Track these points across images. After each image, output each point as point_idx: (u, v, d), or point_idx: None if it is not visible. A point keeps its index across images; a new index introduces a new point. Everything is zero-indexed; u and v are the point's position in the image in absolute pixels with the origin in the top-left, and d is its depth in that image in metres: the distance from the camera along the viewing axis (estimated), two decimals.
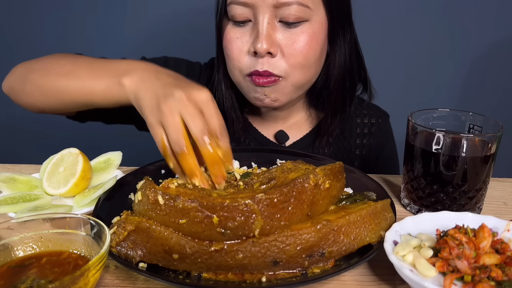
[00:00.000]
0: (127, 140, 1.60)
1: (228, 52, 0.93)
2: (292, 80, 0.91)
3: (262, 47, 0.86)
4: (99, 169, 0.86)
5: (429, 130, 0.72)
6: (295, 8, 0.86)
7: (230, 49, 0.92)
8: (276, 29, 0.88)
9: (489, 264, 0.53)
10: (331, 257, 0.57)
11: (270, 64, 0.89)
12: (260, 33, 0.87)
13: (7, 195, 0.75)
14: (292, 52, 0.89)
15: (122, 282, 0.58)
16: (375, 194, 0.72)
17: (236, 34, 0.91)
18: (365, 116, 1.12)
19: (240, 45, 0.91)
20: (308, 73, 0.94)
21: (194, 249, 0.54)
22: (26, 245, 0.56)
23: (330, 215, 0.60)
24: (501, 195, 0.88)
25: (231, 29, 0.92)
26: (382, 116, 1.15)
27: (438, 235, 0.58)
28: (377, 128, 1.13)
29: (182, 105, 0.65)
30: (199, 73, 1.13)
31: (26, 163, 0.95)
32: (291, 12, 0.86)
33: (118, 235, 0.57)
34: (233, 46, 0.92)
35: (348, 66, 1.00)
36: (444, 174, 0.72)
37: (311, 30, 0.90)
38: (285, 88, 0.92)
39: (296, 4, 0.86)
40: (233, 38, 0.92)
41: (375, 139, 1.12)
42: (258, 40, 0.86)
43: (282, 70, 0.89)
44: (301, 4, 0.86)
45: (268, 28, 0.87)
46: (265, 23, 0.87)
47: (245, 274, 0.56)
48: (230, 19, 0.92)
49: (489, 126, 0.76)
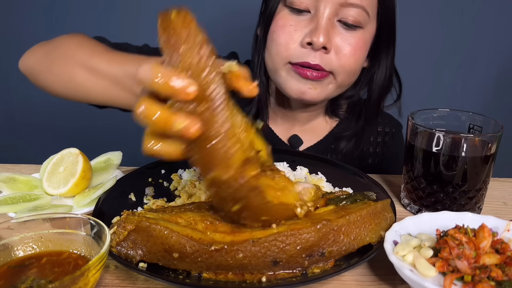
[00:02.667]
0: (127, 140, 1.60)
1: (276, 37, 0.92)
2: (338, 79, 0.92)
3: (319, 40, 0.86)
4: (99, 169, 0.86)
5: (429, 130, 0.72)
6: (357, 11, 0.87)
7: (279, 35, 0.91)
8: (334, 27, 0.89)
9: (489, 264, 0.53)
10: (331, 257, 0.57)
11: (323, 58, 0.89)
12: (319, 25, 0.86)
13: (7, 195, 0.75)
14: (345, 53, 0.89)
15: (122, 282, 0.58)
16: (375, 194, 0.72)
17: (290, 22, 0.90)
18: (379, 124, 1.12)
19: (292, 33, 0.90)
20: (352, 78, 0.96)
21: (194, 248, 0.54)
22: (26, 245, 0.56)
23: (330, 215, 0.60)
24: (501, 195, 0.88)
25: (286, 15, 0.91)
26: (395, 126, 1.15)
27: (438, 235, 0.58)
28: (390, 138, 1.13)
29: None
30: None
31: (26, 163, 0.95)
32: (352, 14, 0.87)
33: (118, 235, 0.57)
34: (284, 31, 0.90)
35: (386, 82, 1.02)
36: (444, 174, 0.72)
37: (364, 38, 0.91)
38: (330, 85, 0.93)
39: (360, 8, 0.87)
40: (286, 25, 0.91)
41: (388, 148, 1.12)
42: (317, 32, 0.86)
43: (333, 67, 0.90)
44: (364, 10, 0.88)
45: (328, 23, 0.87)
46: (326, 18, 0.87)
47: (245, 274, 0.55)
48: (288, 5, 0.91)
49: (489, 126, 0.76)
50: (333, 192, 0.72)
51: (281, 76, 0.94)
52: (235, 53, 1.15)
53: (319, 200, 0.66)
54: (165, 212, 0.62)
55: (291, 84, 0.93)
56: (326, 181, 0.82)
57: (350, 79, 0.95)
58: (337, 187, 0.80)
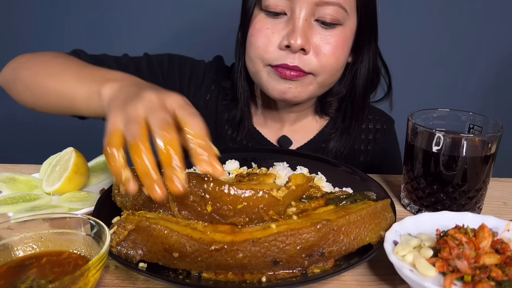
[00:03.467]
0: None
1: (254, 41, 0.91)
2: (319, 79, 0.92)
3: (297, 42, 0.85)
4: (99, 169, 0.86)
5: (429, 130, 0.72)
6: (334, 9, 0.86)
7: (257, 38, 0.90)
8: (312, 27, 0.88)
9: (489, 264, 0.53)
10: (331, 257, 0.57)
11: (301, 60, 0.88)
12: (296, 27, 0.86)
13: (7, 195, 0.75)
14: (325, 52, 0.89)
15: (122, 282, 0.58)
16: (375, 194, 0.72)
17: (267, 25, 0.90)
18: (370, 121, 1.11)
19: (269, 36, 0.89)
20: (335, 76, 0.95)
21: (194, 247, 0.54)
22: (26, 245, 0.56)
23: (330, 215, 0.60)
24: (501, 195, 0.88)
25: (262, 19, 0.91)
26: (387, 122, 1.14)
27: (438, 235, 0.58)
28: (382, 134, 1.12)
29: (149, 103, 0.56)
30: (203, 71, 1.12)
31: (26, 163, 0.95)
32: (329, 12, 0.86)
33: (118, 235, 0.57)
34: (261, 35, 0.90)
35: (370, 77, 1.01)
36: (444, 174, 0.72)
37: (344, 35, 0.90)
38: (310, 85, 0.93)
39: (336, 6, 0.86)
40: (263, 28, 0.90)
41: (379, 145, 1.12)
42: (294, 34, 0.85)
43: (312, 68, 0.89)
44: (341, 7, 0.87)
45: (305, 24, 0.86)
46: (303, 19, 0.86)
47: (245, 274, 0.56)
48: (263, 9, 0.90)
49: (489, 126, 0.76)
50: (333, 192, 0.72)
51: (262, 78, 0.94)
52: (220, 57, 1.15)
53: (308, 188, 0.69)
54: (165, 212, 0.62)
55: (272, 85, 0.93)
56: (326, 181, 0.82)
57: (332, 78, 0.95)
58: (337, 187, 0.80)
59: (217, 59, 1.15)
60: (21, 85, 0.87)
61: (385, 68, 1.06)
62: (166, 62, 1.08)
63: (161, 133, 0.52)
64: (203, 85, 1.10)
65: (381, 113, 1.15)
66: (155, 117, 0.54)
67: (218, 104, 1.10)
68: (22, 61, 0.90)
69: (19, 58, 0.92)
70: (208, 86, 1.10)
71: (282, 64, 0.88)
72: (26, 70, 0.87)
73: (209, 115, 1.09)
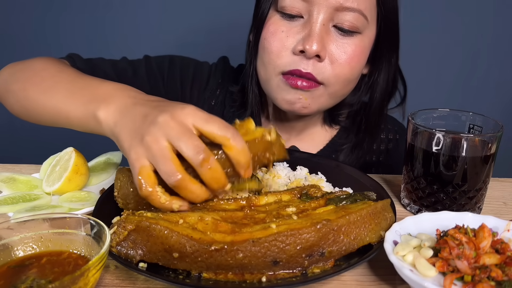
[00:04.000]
0: None
1: (268, 45, 0.86)
2: (331, 89, 0.87)
3: (312, 48, 0.80)
4: (99, 169, 0.86)
5: (429, 130, 0.72)
6: (354, 16, 0.82)
7: (270, 42, 0.86)
8: (329, 33, 0.83)
9: (489, 264, 0.53)
10: (331, 257, 0.57)
11: (315, 67, 0.84)
12: (313, 32, 0.81)
13: (7, 195, 0.75)
14: (340, 61, 0.84)
15: (122, 282, 0.58)
16: (375, 194, 0.72)
17: (282, 28, 0.85)
18: (382, 131, 1.07)
19: (284, 40, 0.84)
20: (348, 87, 0.91)
21: (194, 247, 0.54)
22: (26, 245, 0.56)
23: (330, 215, 0.60)
24: (501, 195, 0.88)
25: (277, 21, 0.86)
26: (399, 131, 1.09)
27: (438, 235, 0.58)
28: (394, 146, 1.07)
29: (167, 128, 0.56)
30: (208, 73, 1.07)
31: (26, 163, 0.95)
32: (349, 18, 0.82)
33: (118, 235, 0.57)
34: (275, 39, 0.85)
35: (389, 90, 0.97)
36: (444, 174, 0.72)
37: (362, 44, 0.86)
38: (321, 97, 0.88)
39: (357, 12, 0.82)
40: (277, 31, 0.85)
41: (391, 157, 1.07)
42: (310, 39, 0.81)
43: (325, 77, 0.85)
44: (362, 14, 0.82)
45: (322, 29, 0.82)
46: (320, 23, 0.81)
47: (245, 274, 0.56)
48: (279, 10, 0.85)
49: (489, 126, 0.76)
50: (333, 192, 0.72)
51: (272, 86, 0.89)
52: (225, 58, 1.11)
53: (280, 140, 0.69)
54: (165, 212, 0.62)
55: (282, 95, 0.88)
56: (326, 181, 0.82)
57: (345, 89, 0.90)
58: (337, 187, 0.80)
59: (222, 60, 1.10)
60: (13, 99, 0.83)
61: (401, 78, 1.01)
62: (167, 64, 1.04)
63: (202, 171, 0.56)
64: (207, 89, 1.06)
65: (393, 121, 1.11)
66: (186, 146, 0.55)
67: (225, 110, 1.05)
68: (13, 71, 0.86)
69: (11, 68, 0.87)
70: (213, 91, 1.06)
71: (295, 70, 0.84)
72: (17, 83, 0.82)
73: None
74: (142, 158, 0.56)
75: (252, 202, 0.68)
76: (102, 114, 0.64)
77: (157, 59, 1.04)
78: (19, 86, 0.81)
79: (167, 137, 0.55)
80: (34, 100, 0.78)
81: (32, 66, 0.84)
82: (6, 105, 0.87)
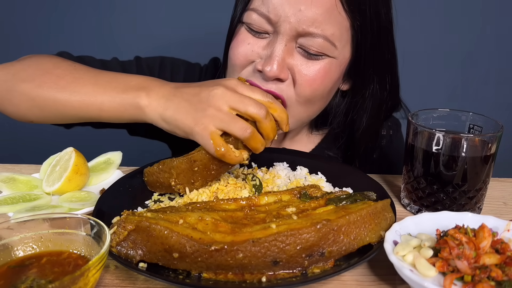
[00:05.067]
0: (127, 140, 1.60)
1: (232, 55, 0.86)
2: (292, 113, 0.84)
3: (271, 71, 0.79)
4: (99, 169, 0.86)
5: (429, 130, 0.72)
6: (318, 42, 0.79)
7: (235, 53, 0.85)
8: (292, 54, 0.81)
9: (489, 264, 0.53)
10: (331, 257, 0.57)
11: (277, 88, 0.82)
12: (274, 55, 0.79)
13: (7, 195, 0.75)
14: (301, 82, 0.82)
15: (122, 282, 0.58)
16: (375, 194, 0.72)
17: (249, 39, 0.84)
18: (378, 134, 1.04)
19: (248, 53, 0.83)
20: (310, 109, 0.88)
21: (194, 248, 0.54)
22: (26, 245, 0.56)
23: (330, 215, 0.60)
24: (501, 195, 0.88)
25: (244, 32, 0.85)
26: (393, 126, 1.07)
27: (438, 235, 0.58)
28: (388, 141, 1.06)
29: (226, 97, 0.67)
30: (199, 75, 1.07)
31: (26, 163, 0.95)
32: (313, 44, 0.79)
33: (118, 235, 0.57)
34: (239, 51, 0.84)
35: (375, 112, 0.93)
36: (444, 174, 0.72)
37: (328, 66, 0.82)
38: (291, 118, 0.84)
39: (321, 38, 0.79)
40: (243, 42, 0.84)
41: (386, 152, 1.06)
42: (270, 61, 0.79)
43: (288, 97, 0.83)
44: (327, 40, 0.79)
45: (285, 51, 0.80)
46: (282, 46, 0.80)
47: (245, 274, 0.56)
48: (246, 24, 0.84)
49: (489, 126, 0.76)
50: (333, 192, 0.72)
51: None
52: (217, 59, 1.10)
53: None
54: (165, 212, 0.62)
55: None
56: (326, 181, 0.82)
57: (309, 111, 0.88)
58: (337, 187, 0.80)
59: (213, 62, 1.09)
60: (19, 99, 0.81)
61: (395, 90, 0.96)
62: (158, 67, 1.03)
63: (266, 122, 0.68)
64: None
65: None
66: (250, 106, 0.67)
67: None
68: (13, 71, 0.83)
69: (6, 68, 0.84)
70: None
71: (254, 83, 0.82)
72: (25, 82, 0.80)
73: None
74: (210, 126, 0.66)
75: (252, 202, 0.68)
76: (144, 102, 0.71)
77: (147, 61, 1.03)
78: (28, 85, 0.80)
79: (228, 104, 0.67)
80: (52, 97, 0.78)
81: (36, 65, 0.83)
82: (7, 107, 0.83)
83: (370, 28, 0.83)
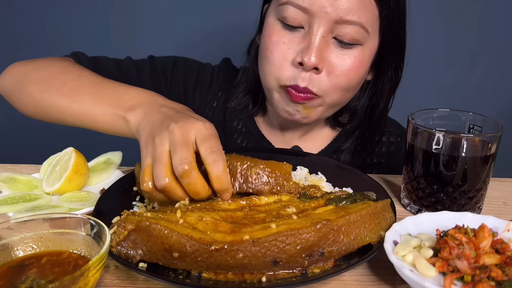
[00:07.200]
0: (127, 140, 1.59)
1: (269, 56, 0.87)
2: (328, 99, 0.88)
3: (310, 61, 0.80)
4: (99, 169, 0.86)
5: (429, 130, 0.72)
6: (354, 29, 0.81)
7: (272, 53, 0.86)
8: (328, 45, 0.83)
9: (489, 264, 0.53)
10: (331, 256, 0.57)
11: (311, 80, 0.84)
12: (312, 44, 0.81)
13: (7, 195, 0.75)
14: (337, 73, 0.84)
15: (122, 282, 0.58)
16: (375, 194, 0.72)
17: (284, 39, 0.85)
18: (384, 133, 1.08)
19: (285, 52, 0.85)
20: (346, 96, 0.91)
21: (194, 247, 0.54)
22: (26, 245, 0.56)
23: (330, 215, 0.60)
24: (501, 195, 0.88)
25: (279, 31, 0.86)
26: (402, 134, 1.09)
27: (438, 235, 0.58)
28: (396, 148, 1.08)
29: (172, 135, 0.62)
30: (211, 75, 1.08)
31: (26, 163, 0.95)
32: (349, 31, 0.82)
33: (118, 235, 0.57)
34: (276, 50, 0.85)
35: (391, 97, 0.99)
36: (444, 174, 0.72)
37: (362, 55, 0.85)
38: (320, 107, 0.90)
39: (358, 26, 0.81)
40: (279, 42, 0.85)
41: (393, 160, 1.08)
42: (309, 51, 0.81)
43: (321, 89, 0.85)
44: (362, 27, 0.82)
45: (322, 41, 0.82)
46: (320, 36, 0.81)
47: (245, 274, 0.56)
48: (280, 20, 0.85)
49: (489, 126, 0.76)
50: (333, 192, 0.72)
51: (274, 97, 0.91)
52: (228, 60, 1.12)
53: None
54: (166, 212, 0.62)
55: (283, 106, 0.90)
56: (326, 181, 0.82)
57: (342, 98, 0.91)
58: (337, 187, 0.80)
59: (225, 62, 1.11)
60: (27, 99, 0.85)
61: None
62: (171, 66, 1.05)
63: (182, 181, 0.61)
64: (210, 92, 1.07)
65: (395, 124, 1.12)
66: (175, 155, 0.61)
67: (226, 111, 1.07)
68: (25, 71, 0.87)
69: (20, 67, 0.89)
70: (215, 93, 1.07)
71: (293, 85, 0.85)
72: (33, 84, 0.84)
73: (216, 123, 1.04)
74: (149, 156, 0.64)
75: (252, 202, 0.68)
76: (131, 117, 0.73)
77: (161, 60, 1.05)
78: (35, 88, 0.83)
79: (169, 143, 0.63)
80: (54, 103, 0.81)
81: (47, 68, 0.86)
82: (18, 104, 0.88)
83: (393, 17, 0.87)
